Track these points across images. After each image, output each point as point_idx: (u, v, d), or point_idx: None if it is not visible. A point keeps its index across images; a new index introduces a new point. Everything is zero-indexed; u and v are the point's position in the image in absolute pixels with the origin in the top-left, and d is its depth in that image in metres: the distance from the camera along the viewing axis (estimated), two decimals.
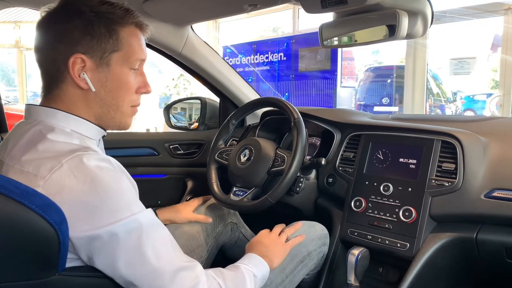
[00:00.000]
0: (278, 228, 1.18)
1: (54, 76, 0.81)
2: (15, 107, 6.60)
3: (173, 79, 8.93)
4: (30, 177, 0.71)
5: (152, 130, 7.00)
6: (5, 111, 1.49)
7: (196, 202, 1.40)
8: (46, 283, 0.70)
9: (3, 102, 1.50)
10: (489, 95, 8.17)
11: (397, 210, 1.19)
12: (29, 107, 0.84)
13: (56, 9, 0.81)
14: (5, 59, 10.60)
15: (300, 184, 1.32)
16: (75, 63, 0.79)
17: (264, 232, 1.15)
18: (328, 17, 1.26)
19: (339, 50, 7.07)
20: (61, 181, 0.71)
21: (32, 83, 10.03)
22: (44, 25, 0.81)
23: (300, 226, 1.22)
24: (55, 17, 0.81)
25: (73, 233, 0.71)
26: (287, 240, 1.15)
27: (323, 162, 1.29)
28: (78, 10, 0.79)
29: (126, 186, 0.77)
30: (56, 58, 0.80)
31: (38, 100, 0.86)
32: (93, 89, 0.82)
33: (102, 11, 0.81)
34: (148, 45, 1.61)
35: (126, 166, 0.81)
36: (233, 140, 1.63)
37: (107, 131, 0.91)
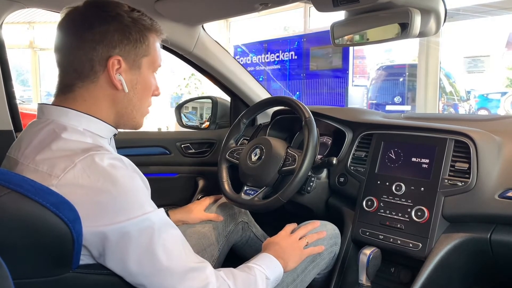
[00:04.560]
0: (296, 230, 1.17)
1: (84, 75, 0.82)
2: (30, 106, 6.69)
3: (184, 79, 8.98)
4: (44, 176, 0.72)
5: (164, 129, 7.05)
6: (19, 110, 1.51)
7: (207, 200, 1.41)
8: (60, 280, 0.71)
9: (17, 101, 1.52)
10: (504, 93, 8.06)
11: (409, 210, 1.18)
12: (41, 106, 0.85)
13: (91, 11, 0.82)
14: (20, 60, 10.75)
15: (311, 184, 1.31)
16: (113, 64, 0.81)
17: (283, 234, 1.14)
18: (339, 15, 1.25)
19: (351, 48, 7.04)
20: (75, 180, 0.72)
21: (46, 83, 10.16)
22: (81, 25, 0.82)
23: (318, 225, 1.22)
24: (93, 18, 0.81)
25: (85, 230, 0.71)
26: (306, 246, 1.14)
27: (334, 162, 1.29)
28: (117, 14, 0.82)
29: (139, 185, 0.78)
30: (93, 58, 0.81)
31: (52, 100, 0.87)
32: (127, 90, 0.84)
33: (136, 18, 0.84)
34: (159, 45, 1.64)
35: (138, 165, 0.82)
36: (244, 139, 1.63)
37: (121, 130, 0.92)
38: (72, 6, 0.84)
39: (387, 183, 1.25)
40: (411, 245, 1.15)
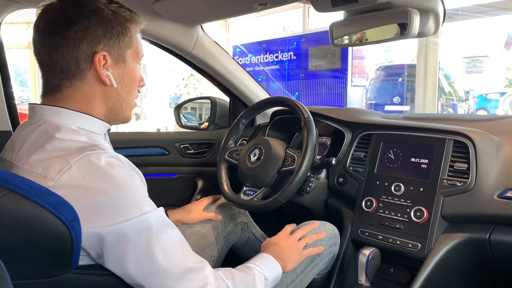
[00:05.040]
0: (295, 231, 1.17)
1: (71, 74, 0.80)
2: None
3: (183, 79, 8.98)
4: (39, 178, 0.71)
5: (163, 130, 7.04)
6: (18, 111, 1.51)
7: (206, 200, 1.40)
8: (60, 280, 0.71)
9: (16, 102, 1.52)
10: (503, 93, 8.08)
11: (408, 210, 1.18)
12: (32, 106, 0.83)
13: (69, 6, 0.80)
14: (18, 60, 10.74)
15: (310, 184, 1.31)
16: (100, 60, 0.80)
17: (282, 234, 1.14)
18: (338, 15, 1.25)
19: (350, 49, 7.05)
20: (70, 182, 0.71)
21: None
22: (60, 23, 0.79)
23: (317, 225, 1.21)
24: (73, 15, 0.79)
25: (83, 231, 0.71)
26: (305, 247, 1.14)
27: (333, 162, 1.29)
28: (97, 8, 0.80)
29: (137, 184, 0.77)
30: (78, 56, 0.79)
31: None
32: (115, 85, 0.83)
33: (116, 10, 0.82)
34: (158, 45, 1.64)
35: (137, 165, 0.81)
36: (243, 139, 1.63)
37: (119, 130, 0.91)
38: (46, 3, 0.81)
39: (386, 184, 1.25)
40: (410, 245, 1.15)
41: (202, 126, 1.99)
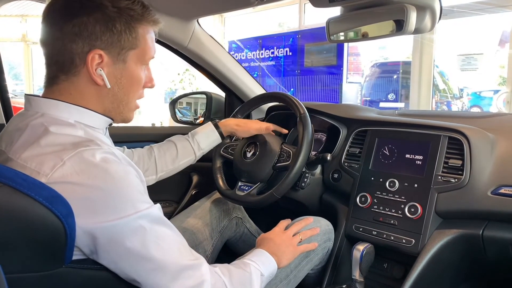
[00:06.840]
0: (289, 227, 1.17)
1: (66, 68, 0.79)
2: (22, 100, 6.62)
3: (178, 74, 8.94)
4: (33, 173, 0.70)
5: (158, 125, 7.01)
6: (12, 104, 1.50)
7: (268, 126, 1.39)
8: (53, 274, 0.70)
9: (10, 95, 1.51)
10: (496, 91, 8.12)
11: (402, 206, 1.18)
12: (29, 98, 0.82)
13: (74, 0, 0.78)
14: (12, 53, 10.63)
15: (305, 180, 1.32)
16: (93, 58, 0.78)
17: (277, 230, 1.13)
18: (335, 11, 1.25)
19: (345, 45, 7.04)
20: (64, 178, 0.70)
21: (38, 77, 10.06)
22: (60, 15, 0.78)
23: (311, 221, 1.21)
24: (75, 8, 0.77)
25: (75, 228, 0.70)
26: (300, 243, 1.14)
27: (328, 158, 1.29)
28: (100, 4, 0.77)
29: (132, 180, 0.75)
30: (73, 51, 0.77)
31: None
32: (109, 86, 0.80)
33: (123, 7, 0.79)
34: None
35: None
36: None
37: (114, 125, 0.90)
38: None
39: (380, 179, 1.25)
40: (404, 241, 1.16)
41: (198, 121, 1.98)
